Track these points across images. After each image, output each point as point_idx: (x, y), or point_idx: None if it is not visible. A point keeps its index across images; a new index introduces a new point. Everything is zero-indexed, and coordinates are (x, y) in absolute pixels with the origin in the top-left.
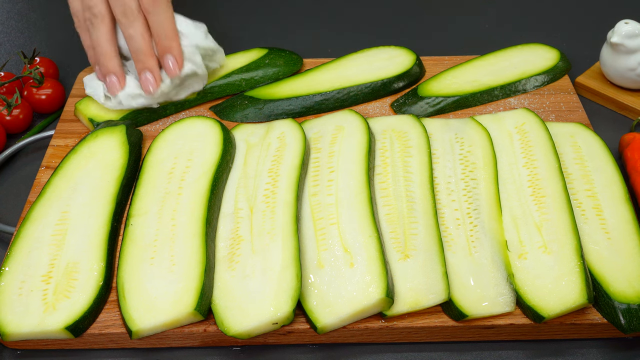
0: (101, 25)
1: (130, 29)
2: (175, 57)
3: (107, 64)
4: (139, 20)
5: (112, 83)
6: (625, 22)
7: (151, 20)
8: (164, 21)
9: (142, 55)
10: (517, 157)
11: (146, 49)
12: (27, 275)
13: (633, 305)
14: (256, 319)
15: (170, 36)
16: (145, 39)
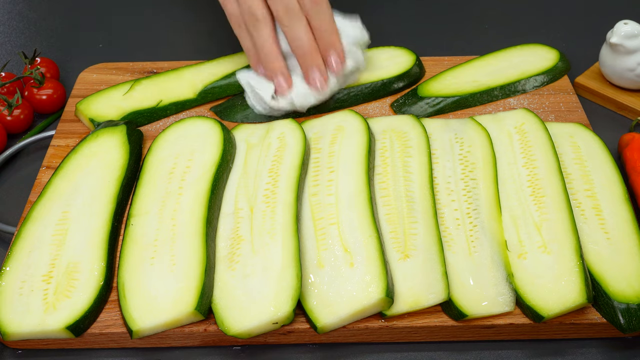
0: (264, 27)
1: (295, 29)
2: (338, 54)
3: (274, 64)
4: (302, 20)
5: (280, 83)
6: (624, 23)
7: (312, 19)
8: (325, 20)
9: (308, 54)
10: (517, 157)
11: (311, 47)
12: (27, 275)
13: (632, 305)
14: (256, 318)
15: (332, 34)
16: (310, 38)
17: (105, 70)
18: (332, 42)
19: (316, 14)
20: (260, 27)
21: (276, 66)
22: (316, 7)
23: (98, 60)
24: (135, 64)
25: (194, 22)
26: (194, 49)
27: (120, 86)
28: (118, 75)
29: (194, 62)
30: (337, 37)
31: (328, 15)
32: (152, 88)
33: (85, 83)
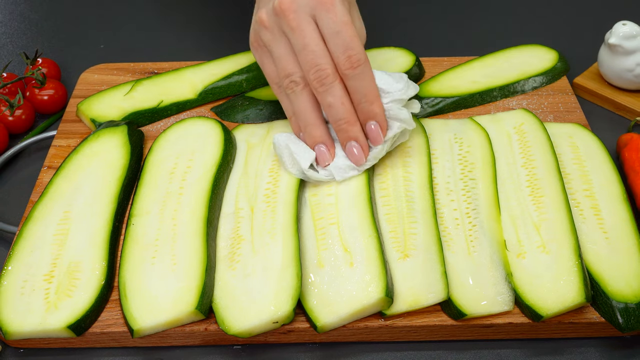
0: (302, 93)
1: (329, 97)
2: (380, 123)
3: (314, 133)
4: (337, 87)
5: (322, 153)
6: (622, 24)
7: (350, 85)
8: (365, 84)
9: (344, 124)
10: (516, 157)
11: (348, 116)
12: (29, 274)
13: (631, 304)
14: (257, 318)
15: (372, 100)
16: (346, 106)
17: (106, 70)
18: (372, 109)
19: (354, 79)
20: (298, 93)
21: (317, 135)
22: (355, 71)
23: (99, 60)
24: (136, 65)
25: (194, 23)
26: (195, 49)
27: (122, 87)
28: (119, 76)
29: (195, 63)
30: (377, 103)
31: (368, 78)
32: (153, 88)
33: (86, 83)
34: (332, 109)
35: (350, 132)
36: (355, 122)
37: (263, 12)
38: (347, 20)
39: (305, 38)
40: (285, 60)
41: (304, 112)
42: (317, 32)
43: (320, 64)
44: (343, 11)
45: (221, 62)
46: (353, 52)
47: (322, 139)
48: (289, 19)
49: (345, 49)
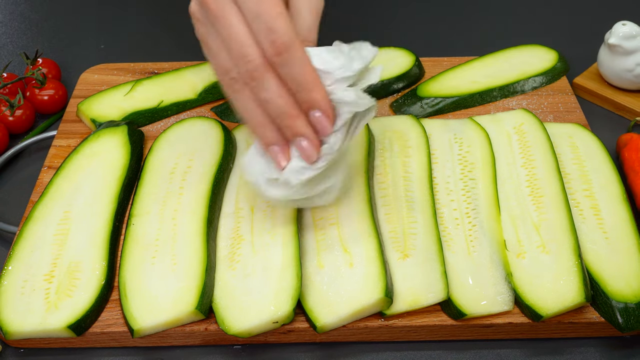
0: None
1: (263, 92)
2: (324, 111)
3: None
4: (269, 78)
5: (275, 154)
6: (622, 24)
7: (282, 73)
8: (298, 70)
9: (286, 120)
10: (516, 157)
11: (288, 110)
12: (29, 274)
13: (630, 304)
14: (256, 318)
15: (310, 87)
16: (284, 99)
17: (106, 70)
18: (312, 98)
19: (286, 65)
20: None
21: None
22: (284, 55)
23: (99, 60)
24: (136, 65)
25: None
26: (195, 49)
27: (122, 87)
28: (119, 76)
29: (195, 63)
30: (317, 90)
31: (300, 62)
32: (153, 88)
33: (86, 84)
34: (269, 104)
35: (295, 128)
36: (297, 115)
37: (192, 3)
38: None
39: (229, 27)
40: (219, 56)
41: (249, 111)
42: (241, 18)
43: (247, 55)
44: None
45: None
46: (276, 36)
47: (273, 139)
48: (211, 8)
49: (267, 32)
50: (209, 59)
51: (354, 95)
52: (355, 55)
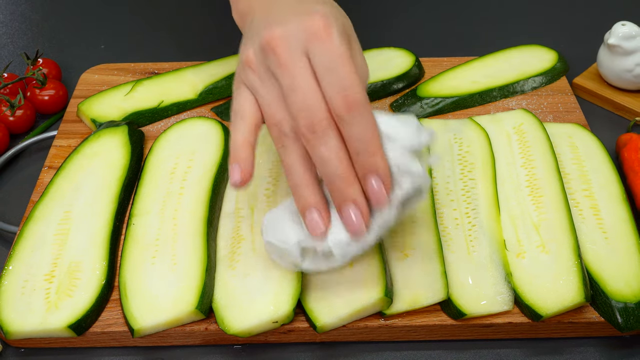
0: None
1: (322, 147)
2: (383, 179)
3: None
4: (331, 135)
5: (312, 220)
6: (622, 24)
7: (346, 131)
8: (364, 131)
9: (340, 183)
10: (515, 157)
11: (345, 173)
12: (30, 274)
13: (630, 304)
14: (256, 317)
15: (373, 151)
16: (342, 160)
17: (106, 71)
18: (373, 163)
19: (352, 124)
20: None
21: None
22: (352, 113)
23: (100, 61)
24: (136, 65)
25: (195, 23)
26: (195, 49)
27: (122, 87)
28: (120, 76)
29: (195, 63)
30: (380, 155)
31: (368, 123)
32: (154, 89)
33: (87, 84)
34: (325, 163)
35: (347, 193)
36: (353, 181)
37: (250, 51)
38: (344, 52)
39: (295, 77)
40: (274, 106)
41: (294, 167)
42: (310, 70)
43: (311, 107)
44: (339, 42)
45: (221, 62)
46: (349, 92)
47: (314, 201)
48: (278, 55)
49: (340, 88)
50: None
51: (420, 167)
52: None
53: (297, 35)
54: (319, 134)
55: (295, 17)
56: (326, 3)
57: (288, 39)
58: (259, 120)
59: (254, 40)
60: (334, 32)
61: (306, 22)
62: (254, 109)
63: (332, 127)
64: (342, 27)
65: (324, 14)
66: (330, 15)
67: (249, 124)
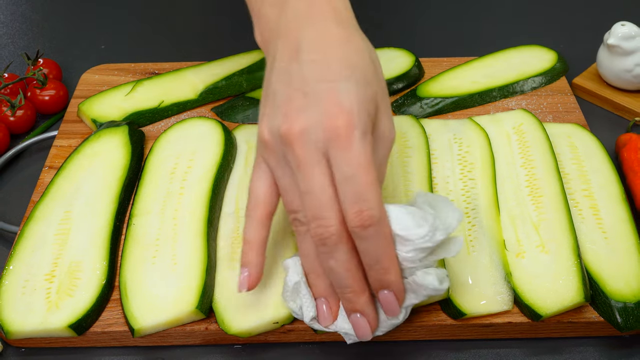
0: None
1: (331, 260)
2: (395, 292)
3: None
4: (341, 250)
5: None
6: (621, 24)
7: (359, 245)
8: (377, 248)
9: (349, 294)
10: (515, 157)
11: (354, 285)
12: (30, 274)
13: (629, 304)
14: (257, 318)
15: (387, 268)
16: (352, 273)
17: (107, 71)
18: (386, 280)
19: (366, 240)
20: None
21: (318, 285)
22: (367, 231)
23: (100, 61)
24: (137, 65)
25: (195, 23)
26: (195, 50)
27: (122, 87)
28: (120, 76)
29: (195, 63)
30: (393, 271)
31: (382, 239)
32: (154, 89)
33: (87, 84)
34: (334, 274)
35: (357, 304)
36: (362, 292)
37: (266, 131)
38: (365, 162)
39: (311, 181)
40: (290, 194)
41: (307, 257)
42: (327, 175)
43: (324, 219)
44: (361, 150)
45: (222, 63)
46: (365, 206)
47: (324, 292)
48: (296, 153)
49: (356, 200)
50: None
51: (436, 279)
52: (440, 224)
53: (317, 134)
54: (329, 247)
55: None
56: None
57: (307, 137)
58: (274, 206)
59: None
60: (356, 136)
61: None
62: (269, 193)
63: (344, 240)
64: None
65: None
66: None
67: (261, 215)
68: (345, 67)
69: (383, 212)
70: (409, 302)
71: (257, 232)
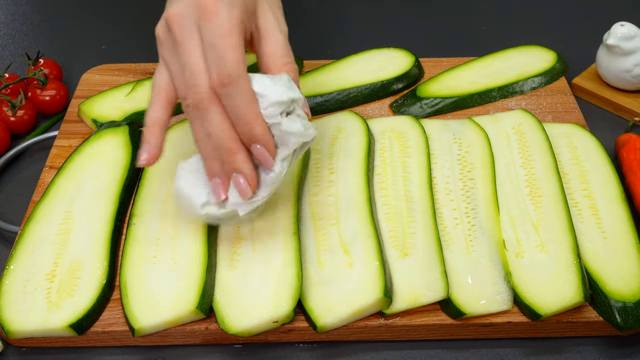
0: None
1: (206, 124)
2: (265, 144)
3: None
4: (213, 111)
5: (215, 186)
6: (620, 25)
7: (225, 104)
8: (239, 103)
9: (225, 154)
10: (515, 157)
11: (229, 144)
12: (31, 273)
13: (629, 304)
14: (257, 317)
15: (251, 121)
16: (226, 133)
17: (107, 71)
18: (253, 133)
19: (227, 96)
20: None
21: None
22: (225, 87)
23: (101, 61)
24: (137, 65)
25: None
26: None
27: (123, 87)
28: (120, 77)
29: None
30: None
31: (243, 95)
32: None
33: (88, 84)
34: (211, 138)
35: (234, 163)
36: (237, 150)
37: (159, 25)
38: (227, 29)
39: (185, 55)
40: (178, 80)
41: (200, 141)
42: (199, 47)
43: (196, 86)
44: (225, 19)
45: None
46: (224, 66)
47: (218, 172)
48: (174, 33)
49: (217, 63)
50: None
51: (301, 125)
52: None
53: (191, 12)
54: (202, 111)
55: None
56: None
57: (182, 16)
58: (173, 96)
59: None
60: (220, 7)
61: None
62: (167, 84)
63: (214, 102)
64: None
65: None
66: None
67: (162, 101)
68: None
69: (242, 72)
70: (282, 154)
71: (159, 114)
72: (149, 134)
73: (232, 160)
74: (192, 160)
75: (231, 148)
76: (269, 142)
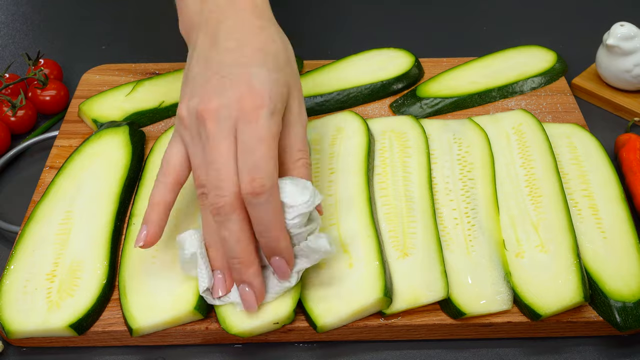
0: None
1: (223, 230)
2: (285, 259)
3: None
4: (234, 220)
5: (218, 281)
6: (620, 25)
7: (251, 213)
8: (267, 216)
9: (237, 264)
10: (514, 157)
11: (243, 256)
12: (31, 273)
13: (628, 304)
14: (257, 318)
15: (276, 236)
16: (242, 244)
17: (108, 71)
18: (277, 247)
19: (256, 207)
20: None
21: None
22: (256, 197)
23: (101, 61)
24: (137, 66)
25: None
26: None
27: (123, 87)
28: (121, 77)
29: None
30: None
31: (272, 208)
32: (154, 89)
33: (88, 84)
34: (226, 244)
35: (244, 275)
36: (251, 263)
37: (184, 109)
38: (267, 137)
39: (215, 153)
40: (200, 168)
41: (208, 229)
42: (232, 151)
43: (220, 189)
44: (265, 126)
45: None
46: (258, 175)
47: (222, 266)
48: (207, 128)
49: (251, 170)
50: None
51: (327, 242)
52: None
53: (229, 112)
54: (222, 216)
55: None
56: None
57: (219, 114)
58: (183, 177)
59: (190, 100)
60: (263, 114)
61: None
62: (180, 165)
63: (237, 211)
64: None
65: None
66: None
67: (171, 182)
68: (258, 54)
69: (275, 184)
70: (300, 267)
71: (164, 196)
72: (152, 212)
73: (243, 271)
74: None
75: (244, 261)
76: (290, 256)
